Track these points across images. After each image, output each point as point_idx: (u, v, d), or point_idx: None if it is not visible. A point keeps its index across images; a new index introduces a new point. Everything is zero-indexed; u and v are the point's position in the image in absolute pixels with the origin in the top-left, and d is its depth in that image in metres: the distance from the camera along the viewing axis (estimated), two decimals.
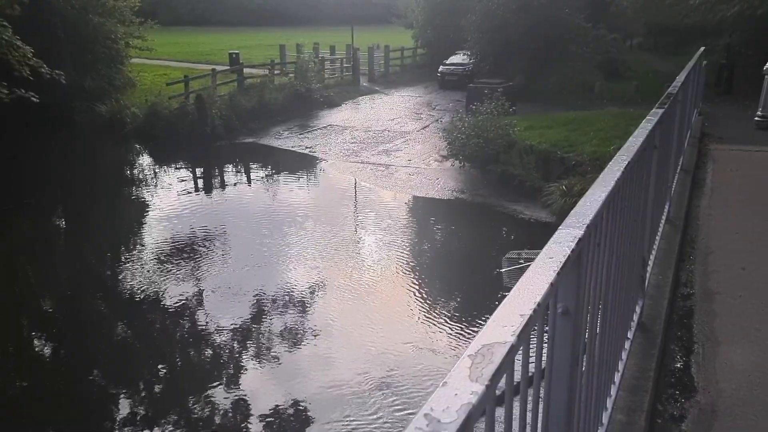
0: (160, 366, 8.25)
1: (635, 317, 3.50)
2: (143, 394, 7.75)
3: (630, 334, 3.29)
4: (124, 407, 7.38)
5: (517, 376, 1.26)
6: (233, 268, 10.94)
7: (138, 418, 7.17)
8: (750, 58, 16.12)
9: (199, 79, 23.02)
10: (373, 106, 27.88)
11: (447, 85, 29.52)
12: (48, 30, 15.57)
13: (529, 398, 1.53)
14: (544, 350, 1.63)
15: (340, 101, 27.13)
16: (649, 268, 4.11)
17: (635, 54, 30.15)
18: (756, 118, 11.16)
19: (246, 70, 25.72)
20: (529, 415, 1.53)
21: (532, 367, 1.44)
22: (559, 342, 1.58)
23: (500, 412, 1.19)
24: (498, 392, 1.10)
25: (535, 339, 1.49)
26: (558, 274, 1.30)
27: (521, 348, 1.13)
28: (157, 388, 7.90)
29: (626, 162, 2.31)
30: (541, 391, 1.59)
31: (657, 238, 4.71)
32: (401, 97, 29.07)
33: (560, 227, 1.57)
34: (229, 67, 26.42)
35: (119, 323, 9.48)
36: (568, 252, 1.41)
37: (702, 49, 10.36)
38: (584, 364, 2.06)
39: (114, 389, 7.80)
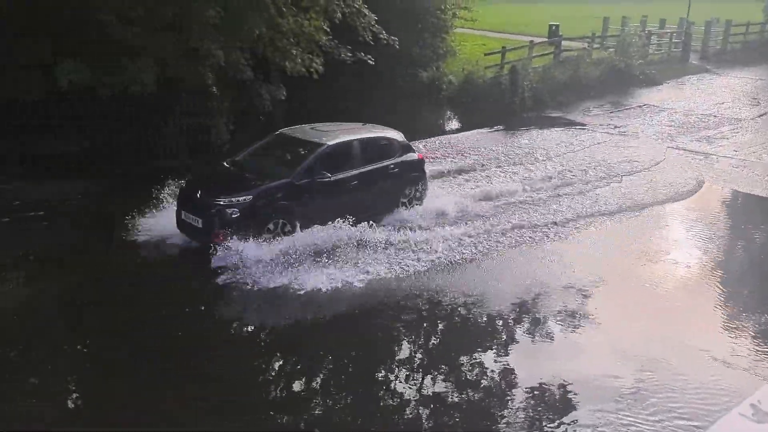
0: None
1: None
2: None
3: None
4: None
5: None
6: None
7: None
8: None
9: (516, 50, 23.26)
10: (700, 86, 25.13)
11: None
12: (388, 1, 17.32)
13: None
14: None
15: (662, 80, 25.04)
16: None
17: None
18: None
19: (564, 43, 25.19)
20: None
21: None
22: None
23: None
24: None
25: None
26: None
27: None
28: None
29: None
30: None
31: None
32: (737, 79, 25.70)
33: None
34: (547, 39, 26.13)
35: None
36: None
37: None
38: None
39: None
